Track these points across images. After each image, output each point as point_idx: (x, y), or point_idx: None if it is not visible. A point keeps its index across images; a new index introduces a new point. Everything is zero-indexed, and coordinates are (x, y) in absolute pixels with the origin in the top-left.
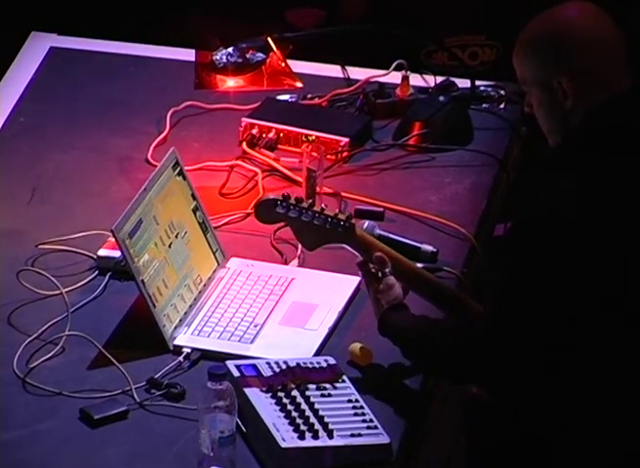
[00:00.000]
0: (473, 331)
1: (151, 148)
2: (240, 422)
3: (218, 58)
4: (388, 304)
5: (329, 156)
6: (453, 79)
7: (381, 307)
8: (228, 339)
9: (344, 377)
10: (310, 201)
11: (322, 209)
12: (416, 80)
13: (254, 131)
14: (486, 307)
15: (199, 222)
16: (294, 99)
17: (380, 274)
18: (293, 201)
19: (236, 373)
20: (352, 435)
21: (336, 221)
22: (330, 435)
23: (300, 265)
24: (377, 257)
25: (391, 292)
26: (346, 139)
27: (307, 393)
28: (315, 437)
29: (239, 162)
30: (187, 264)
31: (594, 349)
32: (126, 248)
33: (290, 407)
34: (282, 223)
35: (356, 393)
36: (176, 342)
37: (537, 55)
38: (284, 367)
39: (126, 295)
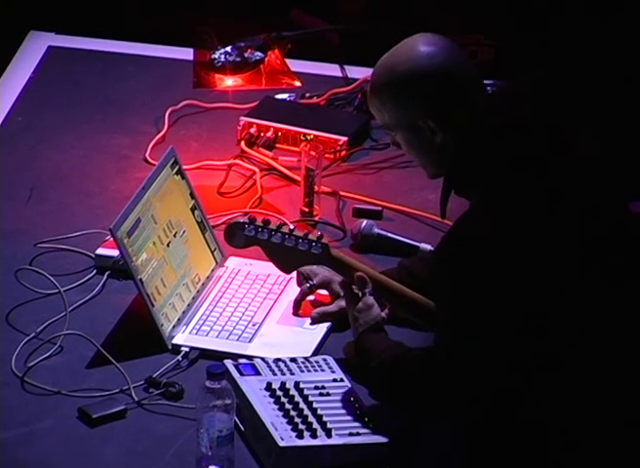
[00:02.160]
0: (425, 361)
1: (149, 147)
2: (238, 421)
3: (216, 56)
4: (366, 324)
5: (327, 155)
6: None
7: (359, 327)
8: (227, 338)
9: (343, 376)
10: (279, 223)
11: (291, 230)
12: None
13: (252, 130)
14: (435, 338)
15: (197, 221)
16: (292, 98)
17: (360, 294)
18: (260, 223)
19: (234, 372)
20: (350, 434)
21: (307, 242)
22: (328, 434)
23: None
24: (358, 277)
25: (370, 311)
26: (345, 138)
27: (306, 392)
28: (313, 436)
29: (237, 161)
30: (186, 263)
31: (547, 352)
32: (124, 247)
33: (288, 406)
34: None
35: (355, 392)
36: (174, 341)
37: (395, 100)
38: (282, 366)
39: (124, 294)
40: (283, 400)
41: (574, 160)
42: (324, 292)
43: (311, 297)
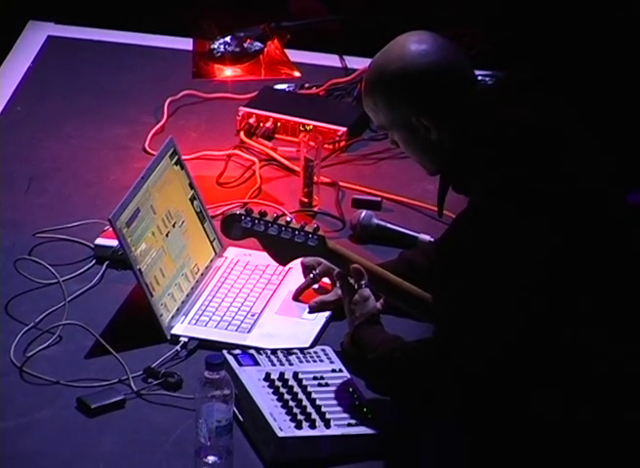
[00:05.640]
0: (422, 355)
1: (149, 137)
2: (237, 411)
3: (215, 47)
4: (362, 317)
5: (326, 145)
6: None
7: (355, 319)
8: (225, 329)
9: (342, 367)
10: (276, 214)
11: (287, 222)
12: None
13: (251, 120)
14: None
15: (196, 211)
16: (291, 89)
17: (356, 286)
18: (256, 215)
19: (233, 363)
20: (349, 424)
21: (304, 234)
22: (327, 424)
23: None
24: (353, 269)
25: (366, 304)
26: (344, 129)
27: (305, 383)
28: (312, 426)
29: (236, 151)
30: (185, 253)
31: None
32: (123, 237)
33: (287, 396)
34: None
35: (353, 382)
36: (173, 331)
37: (388, 100)
38: (281, 356)
39: (123, 285)
40: (282, 390)
41: (572, 155)
42: (327, 280)
43: (315, 285)
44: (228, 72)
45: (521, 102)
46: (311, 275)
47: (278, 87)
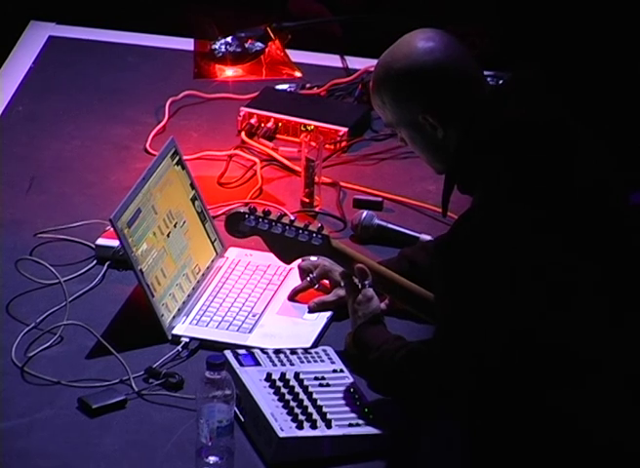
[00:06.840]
0: (423, 355)
1: (150, 137)
2: (238, 412)
3: (217, 47)
4: (365, 317)
5: (327, 146)
6: None
7: (358, 319)
8: (227, 329)
9: (343, 367)
10: (279, 213)
11: (291, 221)
12: None
13: (252, 120)
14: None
15: (198, 212)
16: (292, 89)
17: (360, 286)
18: (260, 213)
19: (234, 363)
20: (350, 425)
21: (308, 234)
22: (328, 425)
23: None
24: (358, 269)
25: (369, 304)
26: (345, 129)
27: (306, 383)
28: (313, 427)
29: (238, 151)
30: (186, 254)
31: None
32: (124, 237)
33: (288, 396)
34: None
35: (355, 383)
36: (174, 332)
37: (393, 97)
38: (282, 356)
39: (124, 285)
40: (283, 390)
41: (577, 156)
42: (326, 281)
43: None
44: (229, 72)
45: (526, 102)
46: (308, 278)
47: (279, 87)
